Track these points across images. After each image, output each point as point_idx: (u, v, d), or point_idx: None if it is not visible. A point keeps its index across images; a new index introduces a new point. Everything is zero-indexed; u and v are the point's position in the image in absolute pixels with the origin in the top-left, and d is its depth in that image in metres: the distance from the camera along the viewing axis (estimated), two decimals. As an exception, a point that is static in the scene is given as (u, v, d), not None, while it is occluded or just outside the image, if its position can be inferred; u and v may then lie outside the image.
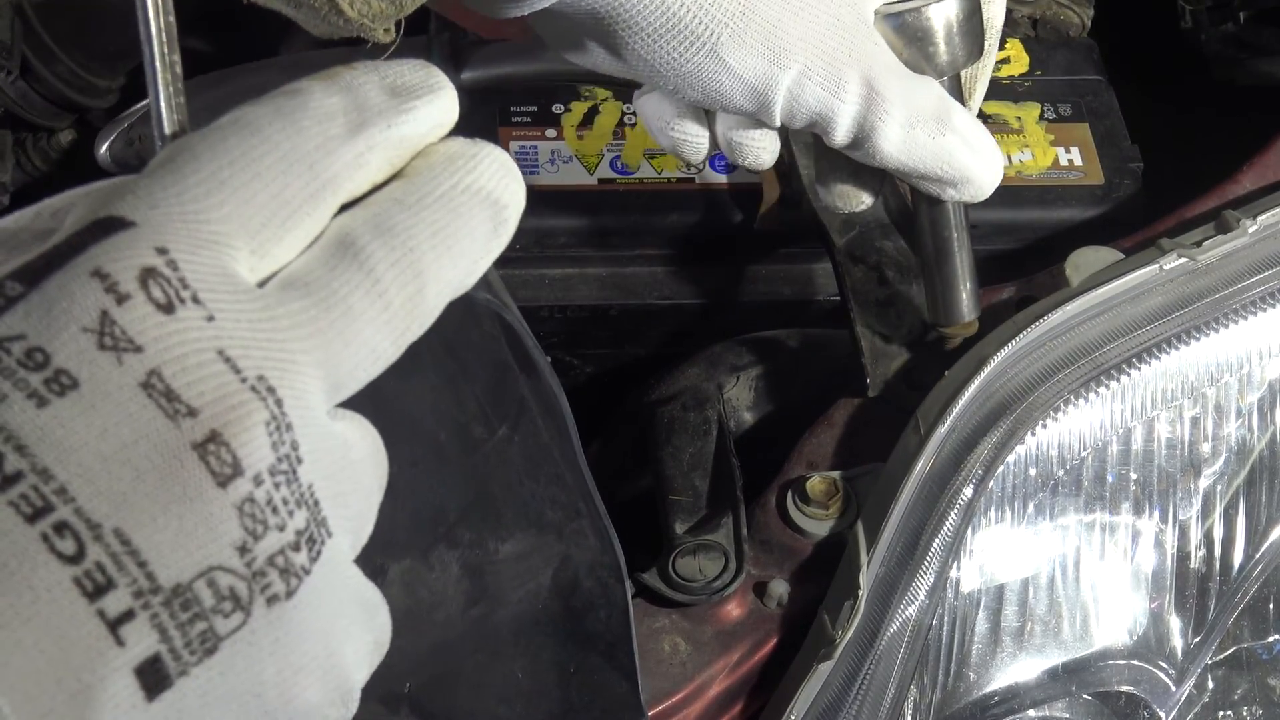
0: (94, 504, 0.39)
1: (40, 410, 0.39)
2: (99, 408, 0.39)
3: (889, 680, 0.84)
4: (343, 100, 0.47)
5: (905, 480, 0.83)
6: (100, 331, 0.40)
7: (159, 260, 0.41)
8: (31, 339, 0.39)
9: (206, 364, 0.41)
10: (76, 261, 0.41)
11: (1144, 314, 0.87)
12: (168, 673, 0.39)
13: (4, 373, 0.39)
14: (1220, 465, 0.88)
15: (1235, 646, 0.91)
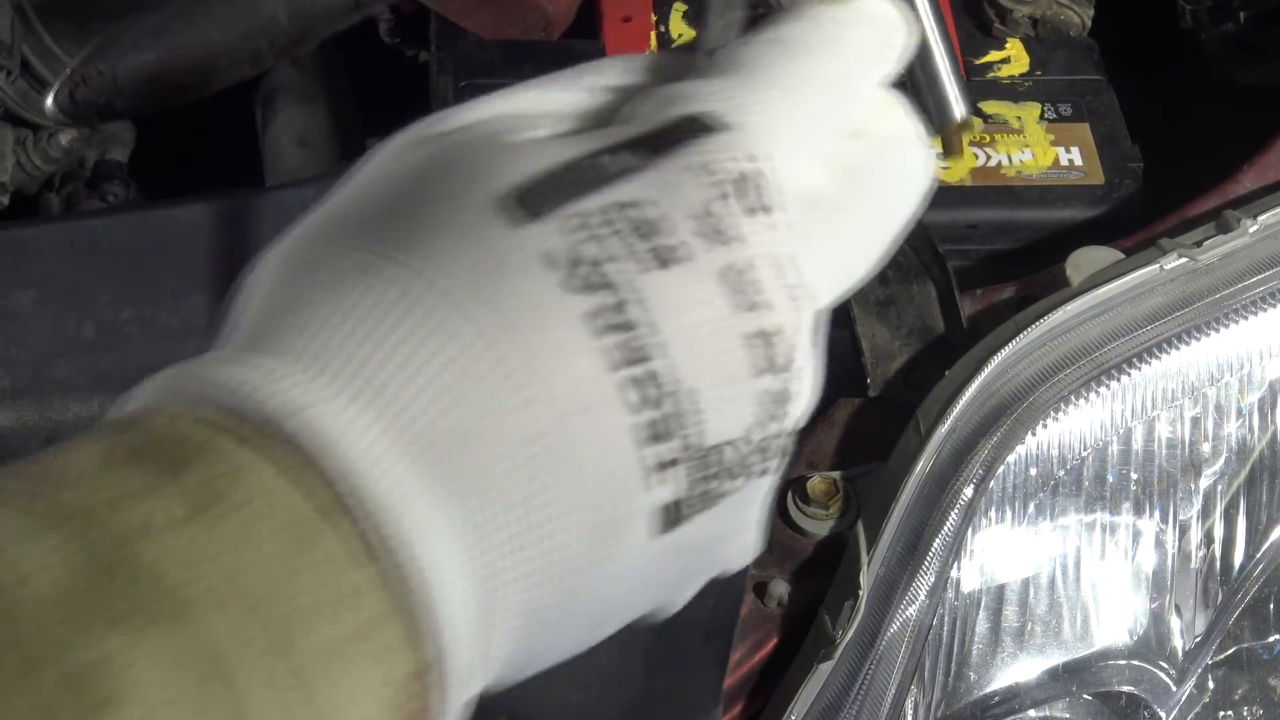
0: (681, 366, 0.44)
1: (654, 273, 0.44)
2: (690, 286, 0.44)
3: (889, 680, 0.84)
4: (871, 32, 0.53)
5: (905, 480, 0.83)
6: (703, 217, 0.45)
7: (750, 167, 0.47)
8: (646, 211, 0.45)
9: (783, 267, 0.47)
10: (685, 152, 0.46)
11: (1144, 314, 0.87)
12: (677, 518, 0.45)
13: (619, 234, 0.44)
14: (1221, 465, 0.88)
15: (1236, 646, 0.91)
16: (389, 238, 0.44)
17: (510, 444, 0.42)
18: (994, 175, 1.04)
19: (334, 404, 0.41)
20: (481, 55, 1.08)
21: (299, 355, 0.42)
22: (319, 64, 1.24)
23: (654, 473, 0.44)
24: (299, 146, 1.18)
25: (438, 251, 0.43)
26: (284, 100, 1.21)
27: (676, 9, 1.12)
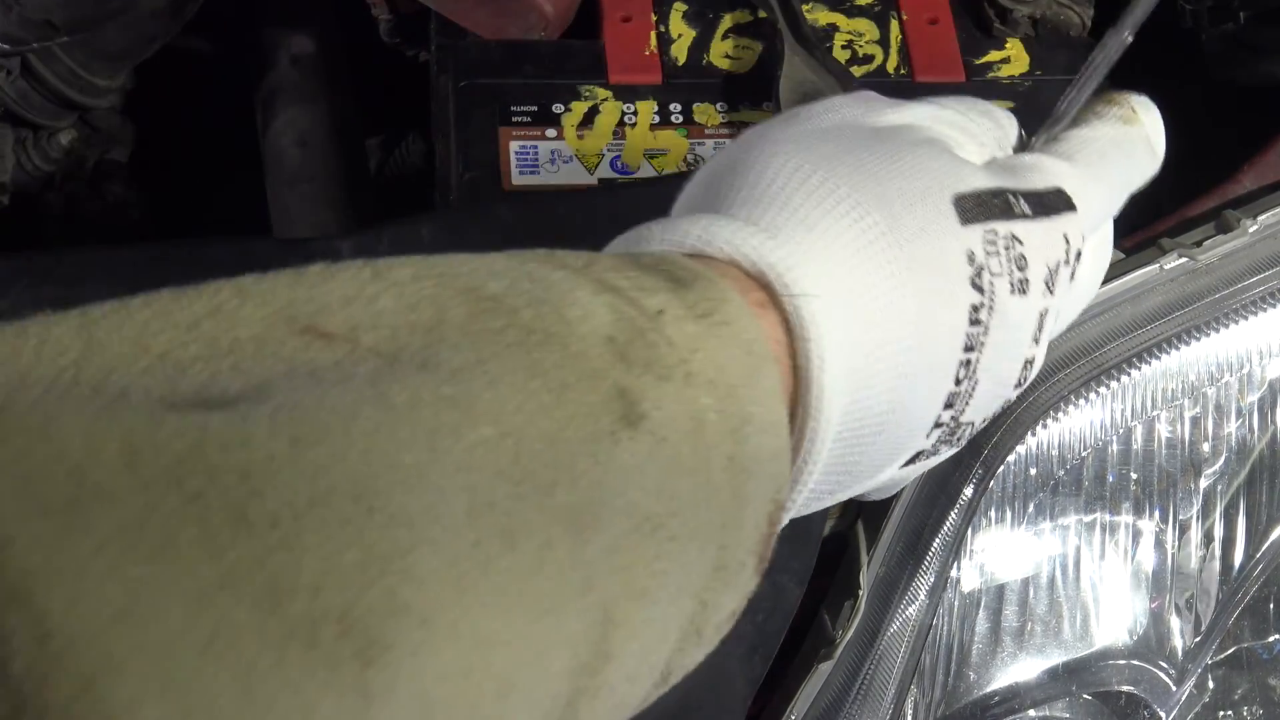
0: (991, 362, 0.61)
1: (1013, 296, 0.60)
2: (1024, 313, 0.61)
3: (889, 680, 0.84)
4: (1149, 154, 0.80)
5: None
6: (1051, 270, 0.63)
7: (1078, 242, 0.66)
8: (1027, 250, 0.61)
9: (1058, 317, 0.68)
10: (1057, 219, 0.64)
11: (1144, 314, 0.87)
12: (952, 427, 0.63)
13: (1009, 258, 0.60)
14: (1221, 465, 0.88)
15: (1236, 646, 0.91)
16: (866, 188, 0.57)
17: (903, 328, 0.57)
18: (994, 175, 1.04)
19: (806, 277, 0.54)
20: (481, 55, 1.08)
21: (796, 239, 0.55)
22: (319, 64, 1.25)
23: (945, 409, 0.60)
24: (299, 146, 1.18)
25: (909, 214, 0.57)
26: (284, 100, 1.21)
27: (676, 9, 1.12)
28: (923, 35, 1.12)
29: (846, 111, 0.66)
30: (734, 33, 1.11)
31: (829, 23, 1.13)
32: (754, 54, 1.10)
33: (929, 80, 1.09)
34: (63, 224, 1.18)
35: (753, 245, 0.54)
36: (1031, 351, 0.63)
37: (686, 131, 1.05)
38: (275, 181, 1.17)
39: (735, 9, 1.12)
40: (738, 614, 0.53)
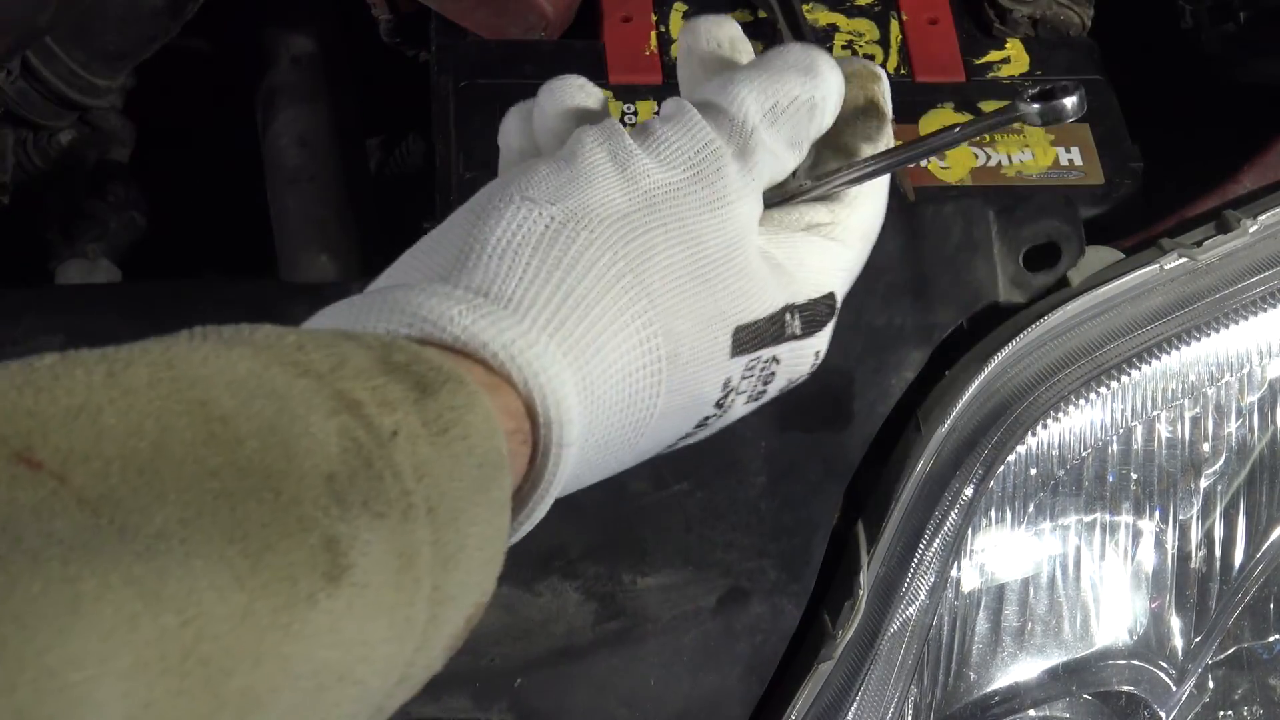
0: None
1: (748, 404, 0.69)
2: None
3: (889, 680, 0.84)
4: None
5: (905, 480, 0.83)
6: (791, 379, 0.72)
7: (815, 361, 0.72)
8: (775, 369, 0.68)
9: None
10: (820, 335, 0.71)
11: (1144, 314, 0.87)
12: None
13: (760, 377, 0.67)
14: (1221, 465, 0.88)
15: (1236, 646, 0.91)
16: (665, 304, 0.61)
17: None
18: (994, 175, 1.04)
19: (546, 360, 0.56)
20: (481, 55, 1.08)
21: (533, 319, 0.57)
22: (319, 64, 1.24)
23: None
24: (299, 146, 1.18)
25: (689, 342, 0.62)
26: (284, 100, 1.21)
27: (677, 9, 1.12)
28: (923, 35, 1.12)
29: (656, 175, 0.64)
30: (734, 33, 1.11)
31: (829, 23, 1.13)
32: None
33: (929, 80, 1.09)
34: (63, 224, 1.18)
35: (527, 361, 0.56)
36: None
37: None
38: (275, 181, 1.17)
39: (735, 9, 1.12)
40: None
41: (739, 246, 0.64)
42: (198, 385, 0.45)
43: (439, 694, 0.82)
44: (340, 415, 0.47)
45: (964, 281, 0.87)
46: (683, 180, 0.63)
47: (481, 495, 0.51)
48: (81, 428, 0.42)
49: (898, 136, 1.05)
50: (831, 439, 0.85)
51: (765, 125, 0.66)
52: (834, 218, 0.71)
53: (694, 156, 0.64)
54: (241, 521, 0.43)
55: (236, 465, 0.44)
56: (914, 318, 0.86)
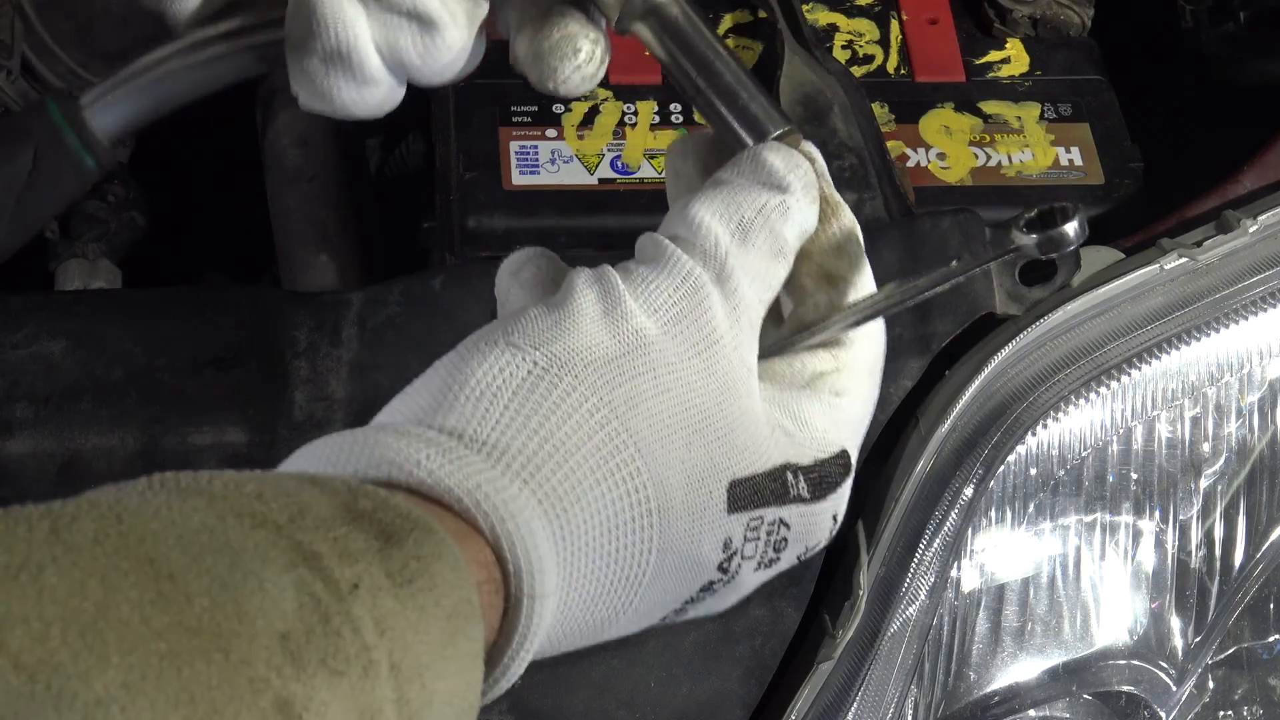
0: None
1: (759, 572, 0.63)
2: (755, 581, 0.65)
3: (889, 680, 0.84)
4: None
5: (905, 480, 0.83)
6: (802, 553, 0.65)
7: (833, 526, 0.66)
8: (789, 535, 0.63)
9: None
10: (834, 498, 0.65)
11: (1144, 314, 0.87)
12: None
13: (767, 542, 0.62)
14: (1221, 465, 0.88)
15: (1236, 646, 0.91)
16: (653, 453, 0.58)
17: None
18: (994, 175, 1.04)
19: (516, 505, 0.53)
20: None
21: (506, 463, 0.55)
22: (319, 64, 1.24)
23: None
24: (299, 146, 1.18)
25: (681, 496, 0.58)
26: (284, 100, 1.21)
27: (676, 9, 1.12)
28: (923, 35, 1.12)
29: (641, 324, 0.61)
30: (734, 33, 1.11)
31: (829, 23, 1.13)
32: (754, 54, 1.10)
33: (929, 80, 1.09)
34: (63, 224, 1.18)
35: (494, 506, 0.53)
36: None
37: (687, 131, 1.05)
38: (275, 181, 1.17)
39: (735, 9, 1.12)
40: None
41: (733, 391, 0.61)
42: (147, 541, 0.43)
43: (439, 694, 0.81)
44: (297, 569, 0.45)
45: (961, 293, 0.87)
46: (668, 322, 0.61)
47: (450, 648, 0.49)
48: (21, 588, 0.40)
49: (897, 137, 1.05)
50: None
51: (737, 245, 0.63)
52: (837, 363, 0.67)
53: (675, 295, 0.61)
54: (189, 684, 0.41)
55: (185, 625, 0.42)
56: (912, 328, 0.87)
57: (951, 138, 1.06)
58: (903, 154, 1.04)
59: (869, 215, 0.96)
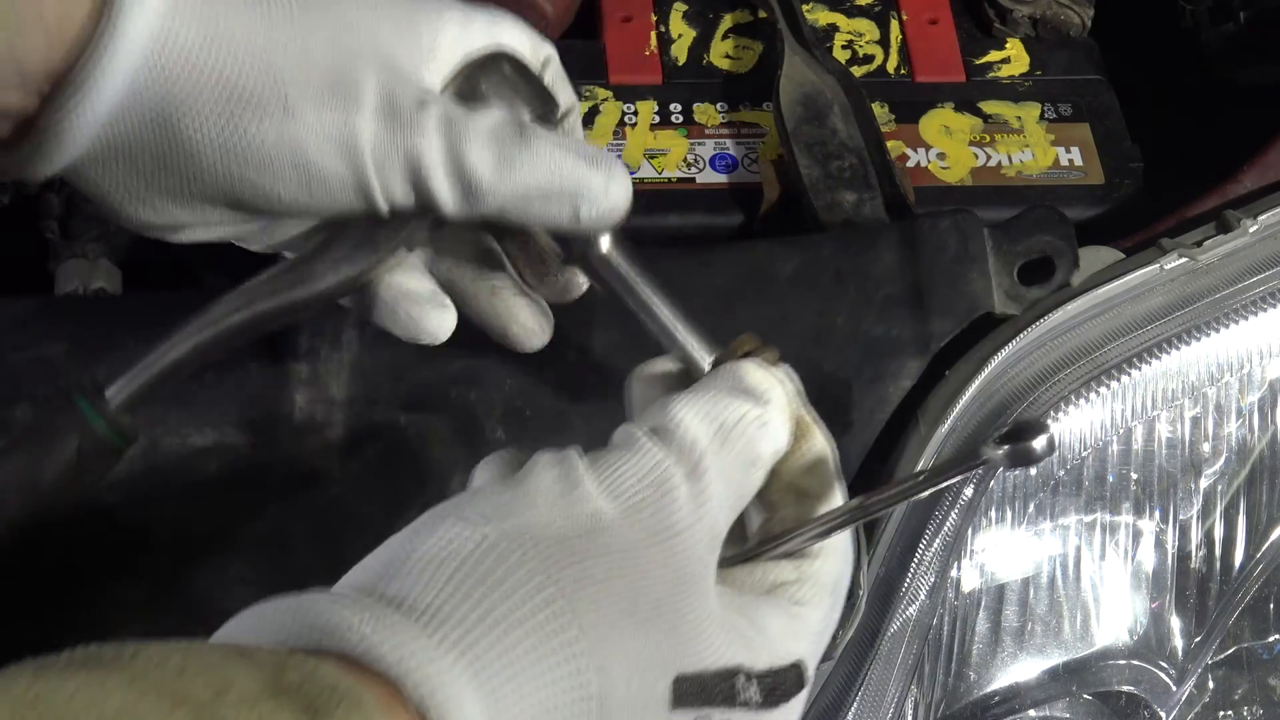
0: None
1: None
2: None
3: (889, 680, 0.84)
4: None
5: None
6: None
7: None
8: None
9: None
10: (786, 709, 0.63)
11: (1144, 314, 0.87)
12: None
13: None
14: (1221, 465, 0.88)
15: (1236, 646, 0.91)
16: (597, 635, 0.57)
17: None
18: (994, 175, 1.04)
19: (444, 678, 0.52)
20: (481, 55, 1.08)
21: (442, 635, 0.54)
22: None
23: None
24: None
25: (624, 685, 0.57)
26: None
27: (676, 9, 1.12)
28: (923, 35, 1.12)
29: (599, 504, 0.61)
30: (734, 33, 1.11)
31: (829, 23, 1.13)
32: (754, 54, 1.10)
33: (929, 80, 1.09)
34: (63, 224, 1.18)
35: (424, 677, 0.52)
36: None
37: (687, 131, 1.05)
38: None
39: (735, 9, 1.12)
40: None
41: (688, 585, 0.60)
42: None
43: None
44: None
45: (960, 294, 0.87)
46: (629, 509, 0.60)
47: None
48: None
49: (897, 137, 1.05)
50: None
51: (715, 447, 0.63)
52: (799, 574, 0.66)
53: (640, 483, 0.61)
54: None
55: None
56: (911, 328, 0.87)
57: (951, 138, 1.06)
58: (903, 154, 1.04)
59: (869, 215, 0.96)
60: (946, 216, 0.89)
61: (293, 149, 0.67)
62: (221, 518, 0.83)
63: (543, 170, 0.69)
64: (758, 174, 1.02)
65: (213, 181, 0.68)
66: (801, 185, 0.98)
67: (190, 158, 0.67)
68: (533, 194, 0.70)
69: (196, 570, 0.83)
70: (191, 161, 0.67)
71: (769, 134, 1.05)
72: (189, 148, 0.66)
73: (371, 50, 0.68)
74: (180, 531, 0.83)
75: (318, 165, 0.67)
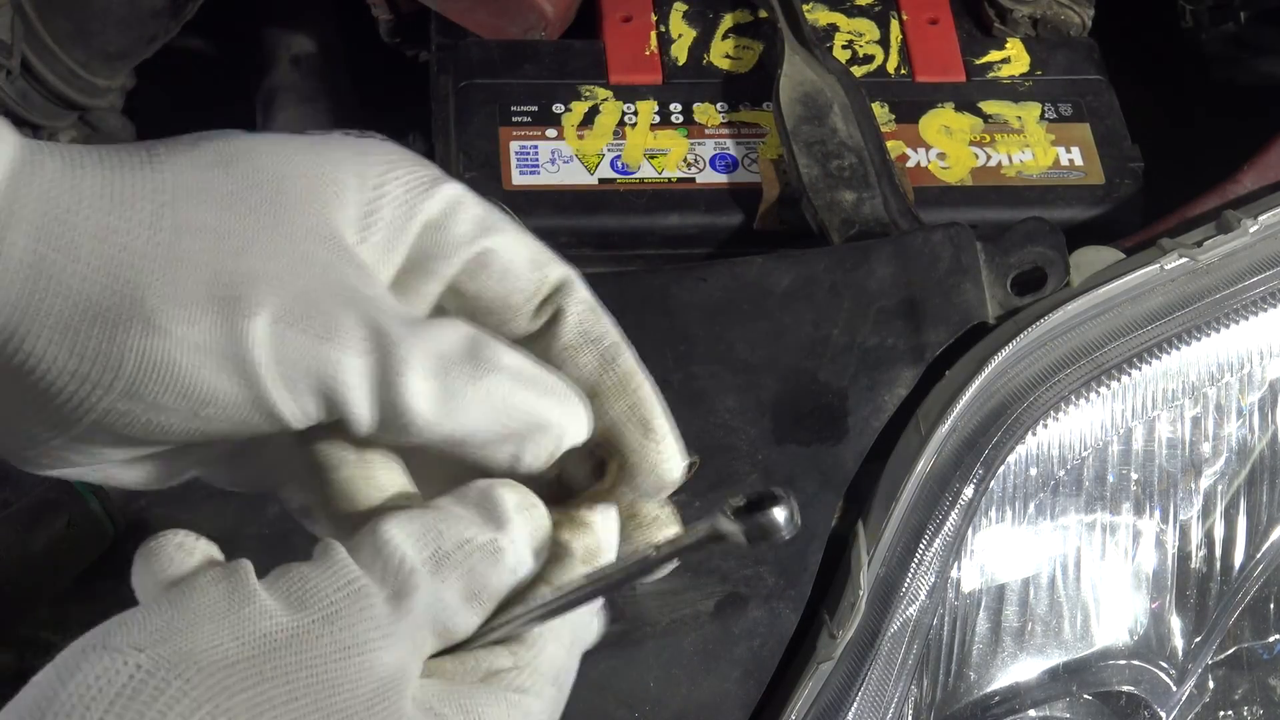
0: None
1: None
2: None
3: (889, 680, 0.84)
4: None
5: (906, 480, 0.83)
6: None
7: None
8: None
9: None
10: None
11: (1145, 314, 0.87)
12: None
13: None
14: (1221, 465, 0.88)
15: (1236, 646, 0.91)
16: None
17: None
18: (994, 175, 1.04)
19: None
20: (481, 55, 1.08)
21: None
22: (319, 64, 1.24)
23: None
24: (299, 147, 1.17)
25: None
26: (284, 100, 1.21)
27: (676, 9, 1.12)
28: (923, 35, 1.12)
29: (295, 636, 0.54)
30: (734, 33, 1.11)
31: (829, 23, 1.13)
32: (754, 54, 1.10)
33: (929, 80, 1.09)
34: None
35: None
36: None
37: (687, 131, 1.05)
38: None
39: (735, 9, 1.12)
40: None
41: (384, 700, 0.53)
42: None
43: (439, 694, 0.82)
44: None
45: (954, 305, 0.88)
46: (313, 624, 0.53)
47: None
48: None
49: (897, 137, 1.05)
50: (827, 452, 0.86)
51: (428, 571, 0.55)
52: (516, 661, 0.58)
53: (331, 596, 0.54)
54: None
55: None
56: (906, 339, 0.87)
57: (951, 138, 1.06)
58: (903, 154, 1.04)
59: (868, 215, 0.96)
60: (939, 229, 0.89)
61: (162, 369, 0.54)
62: (221, 518, 0.83)
63: (493, 409, 0.58)
64: (758, 174, 1.02)
65: (82, 416, 0.55)
66: (801, 185, 0.98)
67: (41, 388, 0.55)
68: (472, 439, 0.58)
69: (196, 570, 0.83)
70: (45, 394, 0.55)
71: (769, 134, 1.05)
72: (36, 376, 0.54)
73: (273, 222, 0.56)
74: (180, 531, 0.83)
75: (199, 386, 0.55)
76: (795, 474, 0.85)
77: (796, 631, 0.85)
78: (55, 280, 0.53)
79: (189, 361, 0.54)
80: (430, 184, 0.59)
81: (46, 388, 0.54)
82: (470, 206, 0.59)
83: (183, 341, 0.54)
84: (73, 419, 0.55)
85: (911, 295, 0.88)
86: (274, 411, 0.55)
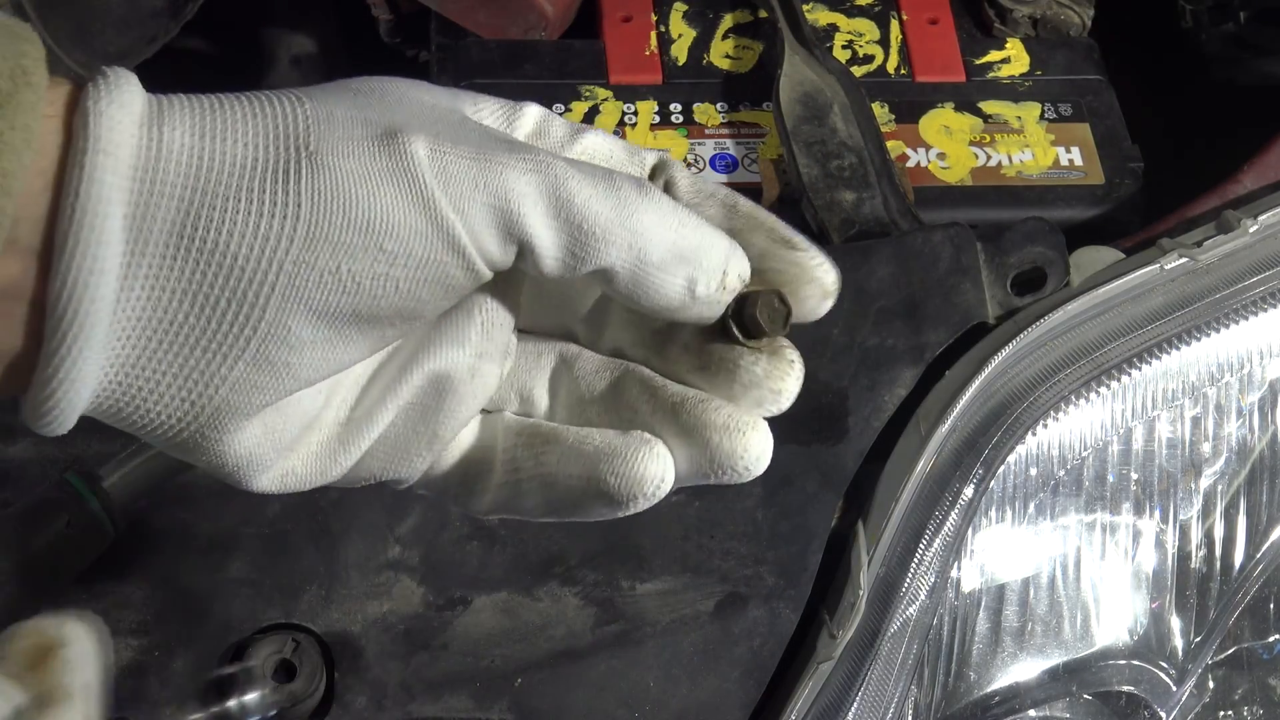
0: None
1: None
2: None
3: (889, 680, 0.84)
4: None
5: (906, 480, 0.83)
6: None
7: None
8: None
9: None
10: None
11: (1144, 314, 0.87)
12: None
13: None
14: (1221, 465, 0.88)
15: (1236, 646, 0.91)
16: None
17: None
18: (994, 175, 1.04)
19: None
20: (481, 55, 1.08)
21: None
22: (319, 64, 1.24)
23: None
24: (299, 147, 1.18)
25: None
26: (284, 100, 1.21)
27: (676, 9, 1.12)
28: (923, 35, 1.12)
29: None
30: (734, 33, 1.11)
31: (829, 23, 1.13)
32: (754, 54, 1.10)
33: (929, 80, 1.09)
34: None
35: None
36: None
37: (687, 131, 1.05)
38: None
39: (735, 9, 1.12)
40: None
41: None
42: None
43: (440, 694, 0.82)
44: None
45: (954, 305, 0.88)
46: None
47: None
48: None
49: (897, 137, 1.05)
50: (827, 452, 0.86)
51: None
52: None
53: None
54: None
55: None
56: (906, 339, 0.87)
57: (951, 138, 1.06)
58: (903, 154, 1.04)
59: (868, 214, 0.96)
60: (939, 230, 0.90)
61: (338, 201, 0.56)
62: (221, 518, 0.83)
63: (665, 220, 0.57)
64: (758, 174, 1.02)
65: (274, 278, 0.57)
66: (801, 185, 0.98)
67: (227, 263, 0.58)
68: (651, 252, 0.57)
69: (197, 570, 0.83)
70: (231, 266, 0.58)
71: (769, 134, 1.05)
72: (220, 249, 0.58)
73: (407, 103, 0.60)
74: (180, 531, 0.83)
75: (375, 214, 0.56)
76: (795, 474, 0.85)
77: (796, 631, 0.85)
78: (219, 156, 0.60)
79: (362, 191, 0.56)
80: (516, 104, 0.62)
81: (233, 257, 0.56)
82: (556, 118, 0.62)
83: (352, 173, 0.56)
84: (262, 287, 0.56)
85: (911, 295, 0.88)
86: (452, 235, 0.56)
